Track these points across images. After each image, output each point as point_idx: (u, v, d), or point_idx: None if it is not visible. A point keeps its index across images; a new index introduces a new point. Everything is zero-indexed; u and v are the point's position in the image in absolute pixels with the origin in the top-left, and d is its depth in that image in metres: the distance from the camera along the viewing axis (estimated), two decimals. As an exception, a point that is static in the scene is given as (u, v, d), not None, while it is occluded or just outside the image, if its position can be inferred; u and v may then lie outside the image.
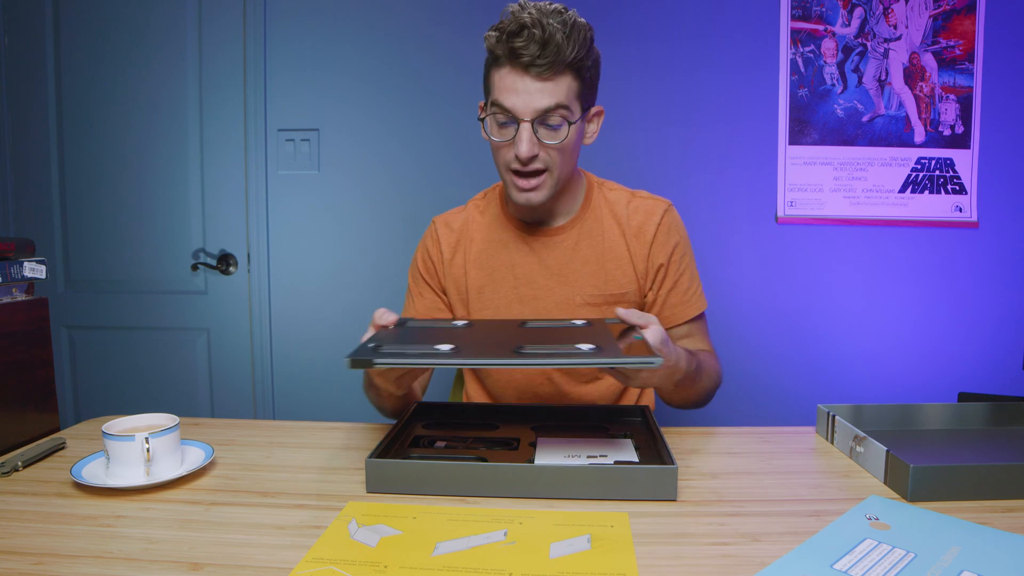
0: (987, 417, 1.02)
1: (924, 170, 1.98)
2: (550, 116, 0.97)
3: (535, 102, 0.96)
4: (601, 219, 1.12)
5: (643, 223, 1.11)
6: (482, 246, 1.14)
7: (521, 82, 0.96)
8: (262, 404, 2.12)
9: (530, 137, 0.97)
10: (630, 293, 1.11)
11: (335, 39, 2.02)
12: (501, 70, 0.97)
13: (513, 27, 0.94)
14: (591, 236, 1.11)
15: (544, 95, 0.96)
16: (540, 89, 0.95)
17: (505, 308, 1.13)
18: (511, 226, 1.13)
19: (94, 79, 2.06)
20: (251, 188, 2.06)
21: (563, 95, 0.97)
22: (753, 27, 1.97)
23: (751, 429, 1.04)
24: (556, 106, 0.96)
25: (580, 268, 1.11)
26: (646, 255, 1.11)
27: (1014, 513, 0.71)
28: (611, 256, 1.11)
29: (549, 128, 0.98)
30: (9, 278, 1.01)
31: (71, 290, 2.13)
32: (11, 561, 0.61)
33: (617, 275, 1.11)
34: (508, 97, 0.97)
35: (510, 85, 0.96)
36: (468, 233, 1.16)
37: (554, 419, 1.03)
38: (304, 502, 0.76)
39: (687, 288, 1.13)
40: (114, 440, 0.78)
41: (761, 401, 2.02)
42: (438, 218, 1.20)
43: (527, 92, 0.96)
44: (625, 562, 0.61)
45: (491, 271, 1.13)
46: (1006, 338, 2.01)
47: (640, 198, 1.14)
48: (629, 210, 1.12)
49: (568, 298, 1.11)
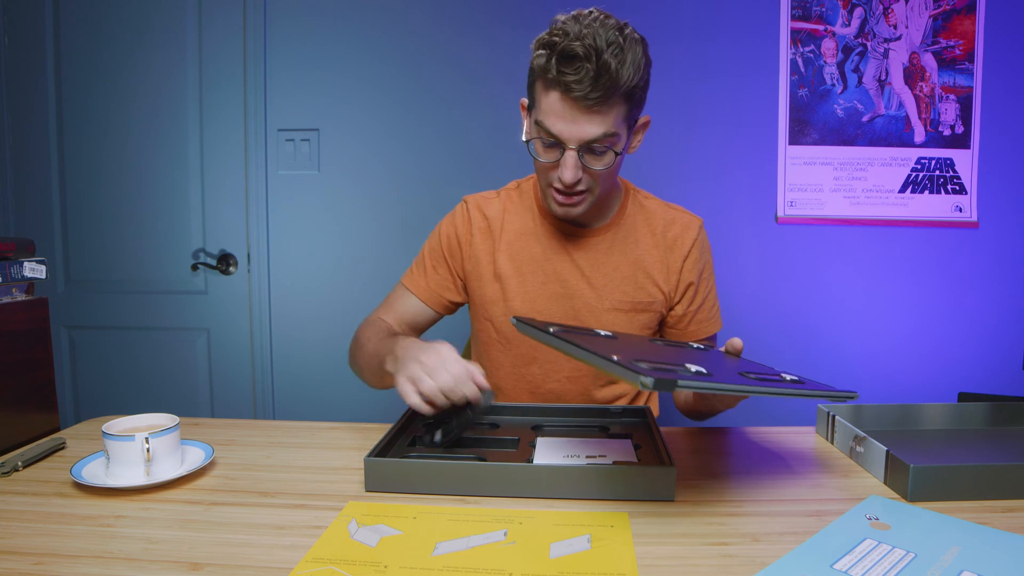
0: (987, 417, 1.02)
1: (924, 170, 1.98)
2: (596, 144, 0.95)
3: (583, 132, 0.93)
4: (636, 227, 1.13)
5: (679, 237, 1.13)
6: (513, 236, 1.14)
7: (571, 112, 0.92)
8: (262, 404, 2.12)
9: (575, 163, 0.95)
10: (657, 303, 1.12)
11: (335, 39, 2.02)
12: (550, 93, 0.93)
13: (565, 55, 0.89)
14: (624, 243, 1.12)
15: (593, 125, 0.92)
16: (589, 120, 0.92)
17: (531, 302, 1.12)
18: (546, 221, 1.13)
19: (94, 79, 2.06)
20: (251, 188, 2.06)
21: (611, 124, 0.93)
22: (753, 27, 1.97)
23: (751, 429, 1.04)
24: (604, 135, 0.94)
25: (611, 273, 1.11)
26: (679, 269, 1.12)
27: (1014, 513, 0.71)
28: (643, 265, 1.11)
29: (594, 155, 0.96)
30: (9, 278, 1.01)
31: (71, 290, 2.13)
32: (11, 561, 0.61)
33: (647, 284, 1.11)
34: (555, 124, 0.93)
35: (559, 112, 0.92)
36: (501, 222, 1.15)
37: (554, 419, 1.03)
38: (304, 502, 0.76)
39: (712, 306, 1.16)
40: (114, 440, 0.78)
41: (761, 401, 2.02)
42: (471, 199, 1.18)
43: (575, 122, 0.92)
44: (625, 562, 0.61)
45: (520, 263, 1.13)
46: (1006, 338, 2.01)
47: (676, 211, 1.16)
48: (665, 222, 1.13)
49: (596, 301, 1.11)
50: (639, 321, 1.12)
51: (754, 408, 2.01)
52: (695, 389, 0.64)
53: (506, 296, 1.13)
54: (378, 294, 2.13)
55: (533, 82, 0.97)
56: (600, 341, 0.81)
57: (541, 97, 0.95)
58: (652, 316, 1.13)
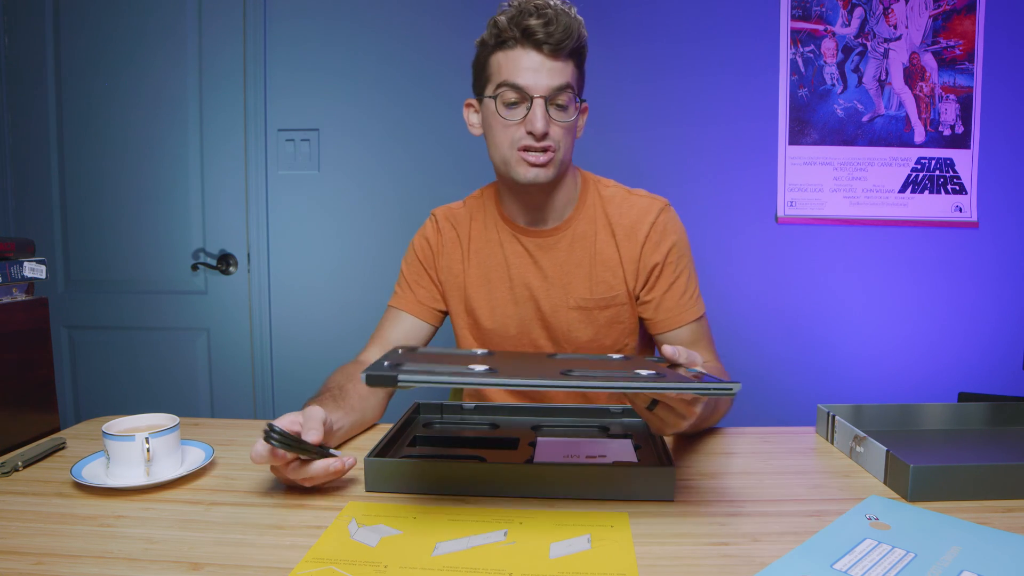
0: (987, 417, 1.02)
1: (924, 170, 1.98)
2: (559, 96, 1.00)
3: (547, 80, 0.98)
4: (594, 219, 1.12)
5: (636, 222, 1.09)
6: (480, 244, 1.15)
7: (534, 60, 0.98)
8: (262, 404, 2.12)
9: (543, 113, 0.99)
10: (619, 296, 1.10)
11: (335, 39, 2.02)
12: (511, 51, 1.00)
13: (526, 9, 0.97)
14: (584, 238, 1.11)
15: (555, 74, 0.99)
16: (552, 68, 0.99)
17: (501, 308, 1.13)
18: (506, 227, 1.13)
19: (94, 79, 2.06)
20: (251, 188, 2.06)
21: (569, 76, 1.00)
22: (753, 27, 1.97)
23: (751, 429, 1.04)
24: (566, 85, 1.00)
25: (573, 271, 1.10)
26: (637, 256, 1.09)
27: (1014, 513, 0.71)
28: (600, 259, 1.10)
29: (558, 108, 1.01)
30: (9, 278, 1.01)
31: (71, 290, 2.13)
32: (11, 561, 0.61)
33: (606, 277, 1.10)
34: (522, 75, 0.99)
35: (523, 64, 0.99)
36: (468, 230, 1.16)
37: (554, 419, 1.03)
38: (304, 502, 0.76)
39: (684, 291, 1.10)
40: (114, 440, 0.78)
41: (761, 401, 2.02)
42: (438, 210, 1.21)
43: (539, 70, 0.98)
44: (625, 562, 0.61)
45: (487, 270, 1.14)
46: (1006, 338, 2.01)
47: (636, 196, 1.12)
48: (623, 209, 1.11)
49: (562, 301, 1.11)
50: (604, 317, 1.10)
51: (754, 408, 2.01)
52: (417, 384, 0.61)
53: (475, 305, 1.14)
54: (378, 294, 2.12)
55: (487, 59, 1.04)
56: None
57: (501, 61, 1.01)
58: (618, 311, 1.10)
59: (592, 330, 1.11)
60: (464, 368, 0.66)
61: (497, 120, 1.02)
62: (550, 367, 0.72)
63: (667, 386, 0.63)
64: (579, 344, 1.12)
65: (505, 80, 1.00)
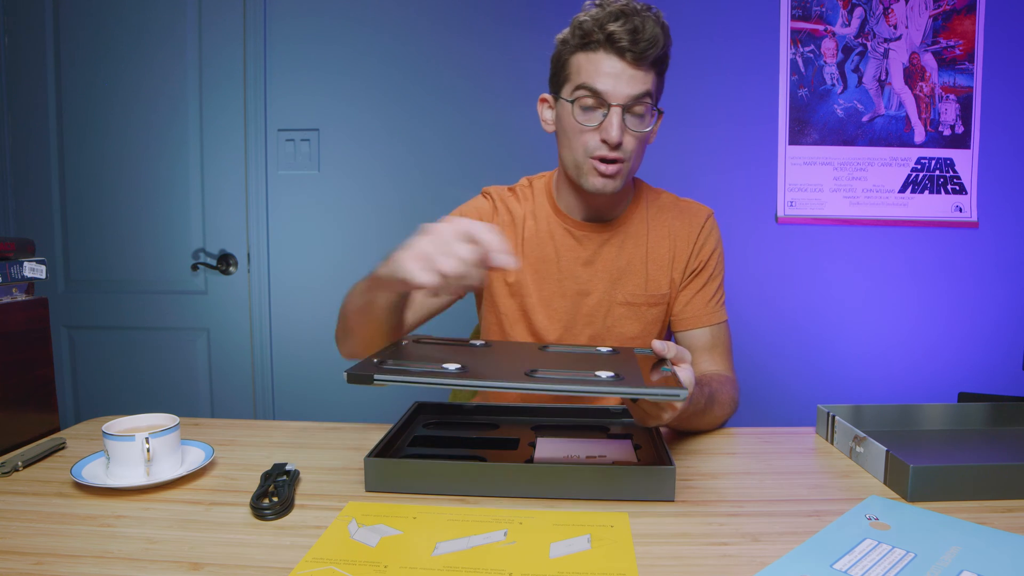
0: (987, 417, 1.02)
1: (924, 170, 1.98)
2: (637, 105, 0.99)
3: (627, 88, 0.97)
4: (646, 220, 1.14)
5: (688, 225, 1.14)
6: (531, 234, 1.14)
7: (617, 68, 0.97)
8: (262, 404, 2.12)
9: (620, 122, 0.98)
10: (668, 295, 1.13)
11: (335, 39, 2.02)
12: (593, 54, 0.98)
13: (613, 12, 0.96)
14: (637, 236, 1.13)
15: (635, 82, 0.97)
16: (632, 76, 0.97)
17: (547, 301, 1.13)
18: (558, 219, 1.14)
19: (94, 79, 2.06)
20: (251, 188, 2.06)
21: (650, 85, 0.99)
22: (753, 27, 1.97)
23: (751, 429, 1.04)
24: (645, 93, 0.98)
25: (625, 267, 1.12)
26: (686, 258, 1.13)
27: (1014, 513, 0.71)
28: (654, 257, 1.12)
29: (635, 117, 1.00)
30: (9, 278, 1.01)
31: (71, 290, 2.13)
32: (11, 561, 0.61)
33: (658, 277, 1.12)
34: (602, 80, 0.97)
35: (605, 69, 0.97)
36: (522, 218, 1.15)
37: (554, 419, 1.03)
38: (304, 502, 0.76)
39: (712, 295, 1.14)
40: (114, 440, 0.78)
41: (761, 401, 2.02)
42: (493, 191, 1.18)
43: (620, 77, 0.97)
44: (625, 562, 0.61)
45: (536, 262, 1.13)
46: (1006, 338, 2.01)
47: (686, 203, 1.17)
48: (675, 212, 1.15)
49: (610, 296, 1.12)
50: (650, 315, 1.13)
51: (754, 408, 2.01)
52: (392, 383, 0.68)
53: (522, 293, 1.13)
54: (378, 294, 2.08)
55: (567, 58, 1.02)
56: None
57: (582, 63, 0.99)
58: (663, 309, 1.13)
59: (639, 326, 1.13)
60: (437, 368, 0.72)
61: (572, 124, 1.02)
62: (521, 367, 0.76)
63: (616, 390, 0.67)
64: (624, 340, 1.13)
65: (584, 83, 0.99)
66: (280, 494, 0.74)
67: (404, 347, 0.87)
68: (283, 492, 0.75)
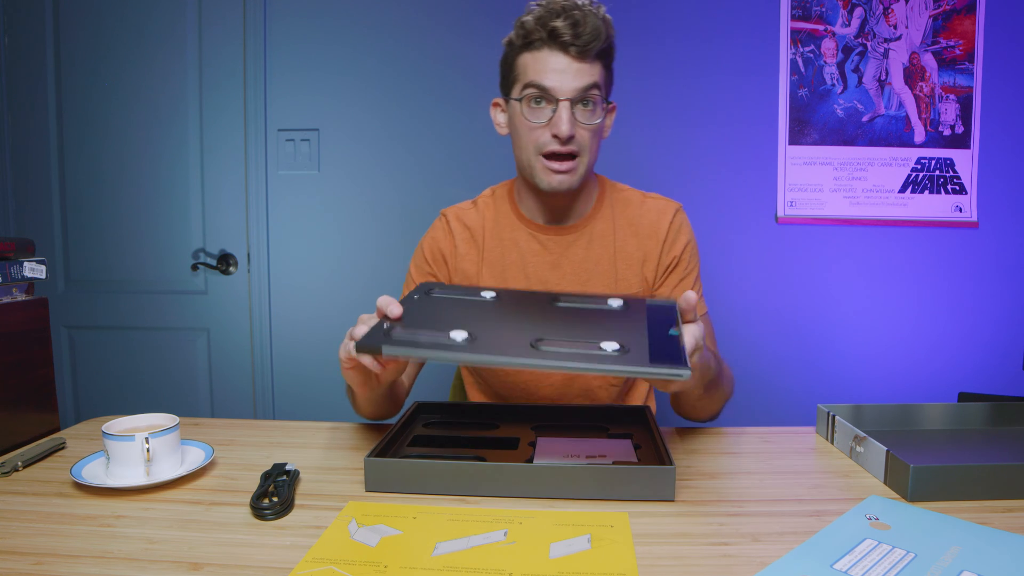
0: (987, 417, 1.02)
1: (924, 170, 1.98)
2: (586, 96, 1.00)
3: (573, 81, 0.98)
4: (612, 219, 1.13)
5: (656, 222, 1.12)
6: (493, 244, 1.14)
7: (560, 61, 0.98)
8: (262, 404, 2.12)
9: (569, 116, 0.99)
10: (639, 293, 1.12)
11: (335, 39, 2.02)
12: (538, 52, 1.00)
13: (552, 10, 0.97)
14: (603, 236, 1.12)
15: (582, 75, 0.99)
16: (578, 69, 0.98)
17: None
18: (522, 225, 1.14)
19: (94, 79, 2.06)
20: (251, 188, 2.06)
21: (597, 76, 1.00)
22: (753, 27, 1.97)
23: (751, 429, 1.04)
24: (593, 85, 0.99)
25: (593, 268, 1.11)
26: (657, 254, 1.12)
27: (1014, 513, 0.71)
28: (622, 256, 1.12)
29: (584, 110, 1.01)
30: (9, 278, 1.01)
31: (71, 290, 2.13)
32: (11, 561, 0.61)
33: (628, 276, 1.12)
34: (548, 76, 0.98)
35: (550, 65, 0.98)
36: (482, 231, 1.15)
37: (554, 419, 1.03)
38: (304, 502, 0.76)
39: (692, 287, 1.13)
40: (114, 440, 0.78)
41: (761, 401, 2.02)
42: (449, 211, 1.20)
43: (566, 71, 0.98)
44: (625, 562, 0.61)
45: (502, 270, 1.13)
46: (1006, 338, 2.01)
47: (652, 199, 1.16)
48: (642, 210, 1.13)
49: None
50: None
51: (754, 408, 2.01)
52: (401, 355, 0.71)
53: None
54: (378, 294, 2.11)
55: (514, 60, 1.04)
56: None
57: (528, 62, 1.01)
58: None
59: None
60: (445, 338, 0.72)
61: (523, 122, 1.03)
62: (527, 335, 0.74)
63: (618, 369, 0.66)
64: None
65: (531, 81, 1.00)
66: (280, 494, 0.74)
67: (416, 303, 0.86)
68: (283, 492, 0.75)
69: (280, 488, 0.76)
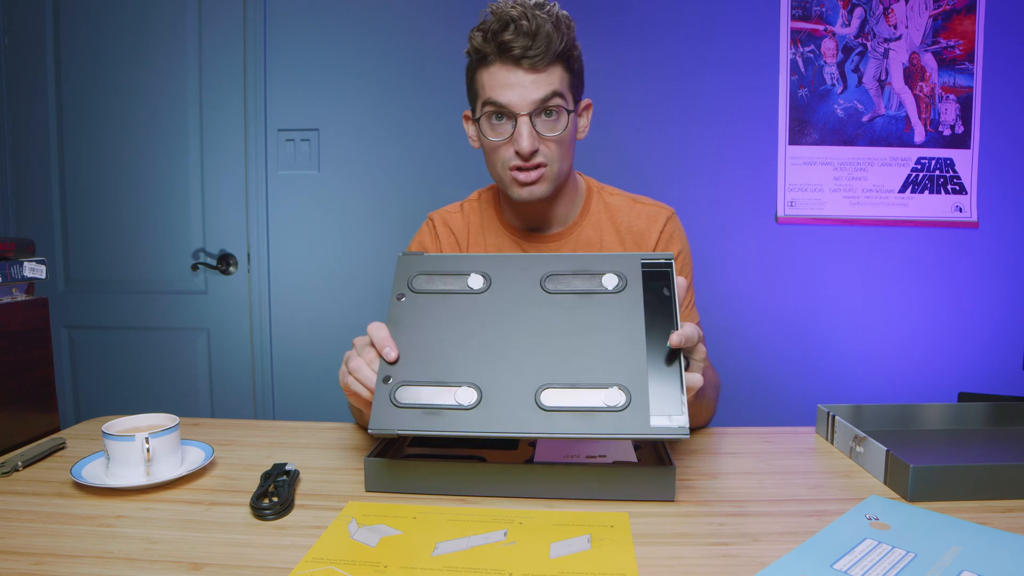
0: (987, 417, 1.02)
1: (924, 170, 1.98)
2: (547, 106, 0.96)
3: (530, 94, 0.94)
4: (600, 225, 1.10)
5: (645, 230, 1.09)
6: (477, 249, 1.13)
7: (514, 76, 0.94)
8: (262, 404, 2.12)
9: (530, 131, 0.95)
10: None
11: (335, 39, 2.02)
12: (490, 68, 0.96)
13: (500, 22, 0.93)
14: (589, 243, 1.09)
15: (539, 86, 0.94)
16: (534, 81, 0.94)
17: None
18: (506, 232, 1.12)
19: (94, 79, 2.06)
20: (251, 188, 2.06)
21: (557, 83, 0.96)
22: (753, 27, 1.97)
23: (751, 429, 1.04)
24: (552, 94, 0.95)
25: None
26: None
27: (1014, 513, 0.71)
28: None
29: (547, 120, 0.97)
30: (9, 278, 1.01)
31: (71, 290, 2.13)
32: (11, 561, 0.61)
33: None
34: (503, 93, 0.95)
35: (503, 80, 0.95)
36: (467, 235, 1.15)
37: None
38: (304, 502, 0.76)
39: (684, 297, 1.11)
40: (114, 440, 0.78)
41: (761, 401, 2.02)
42: (435, 214, 1.18)
43: (521, 85, 0.94)
44: (625, 562, 0.61)
45: None
46: (1006, 338, 2.01)
47: (642, 204, 1.12)
48: (631, 217, 1.10)
49: None
50: None
51: (754, 408, 2.01)
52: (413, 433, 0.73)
53: None
54: (377, 294, 2.11)
55: (472, 75, 1.02)
56: None
57: (483, 78, 0.98)
58: None
59: None
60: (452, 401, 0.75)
61: (486, 141, 1.01)
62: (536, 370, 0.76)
63: (625, 435, 0.71)
64: None
65: (488, 98, 0.97)
66: (280, 494, 0.74)
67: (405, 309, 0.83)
68: (283, 492, 0.75)
69: (280, 488, 0.76)
